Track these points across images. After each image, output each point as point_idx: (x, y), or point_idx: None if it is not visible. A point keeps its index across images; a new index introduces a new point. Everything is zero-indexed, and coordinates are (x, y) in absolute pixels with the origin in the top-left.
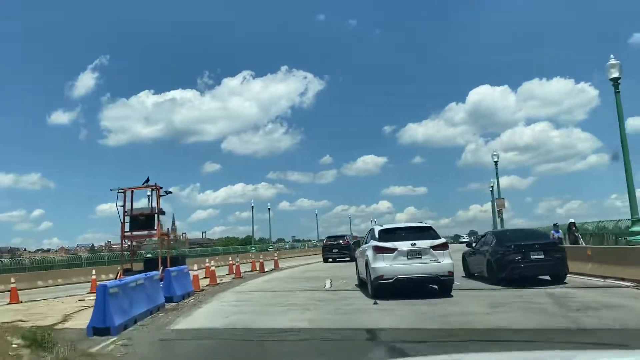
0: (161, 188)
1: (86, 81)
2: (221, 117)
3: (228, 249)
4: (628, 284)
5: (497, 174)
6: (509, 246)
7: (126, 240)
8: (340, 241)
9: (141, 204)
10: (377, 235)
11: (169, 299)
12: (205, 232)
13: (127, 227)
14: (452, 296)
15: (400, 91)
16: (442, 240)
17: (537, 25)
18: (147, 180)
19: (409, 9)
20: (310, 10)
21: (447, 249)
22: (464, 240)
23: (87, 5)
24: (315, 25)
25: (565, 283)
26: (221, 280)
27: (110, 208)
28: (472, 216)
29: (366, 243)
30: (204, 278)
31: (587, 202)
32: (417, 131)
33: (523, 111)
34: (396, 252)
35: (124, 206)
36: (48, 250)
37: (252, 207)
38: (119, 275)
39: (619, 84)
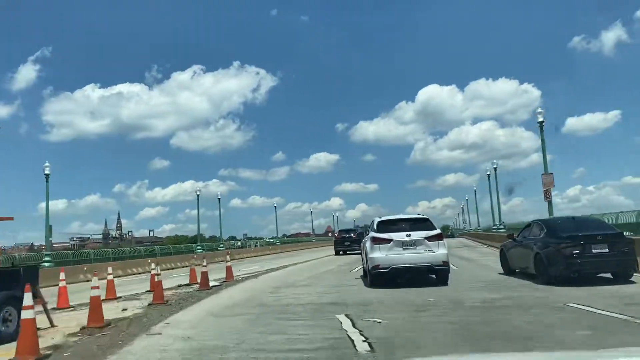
0: None
1: (27, 73)
2: (170, 112)
3: (178, 248)
4: None
5: (542, 138)
6: (564, 238)
7: None
8: (352, 234)
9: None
10: (375, 227)
11: None
12: (152, 231)
13: None
14: (447, 285)
15: (353, 89)
16: (437, 231)
17: (485, 27)
18: None
19: (361, 7)
20: (262, 5)
21: (441, 240)
22: None
23: None
24: (268, 20)
25: (633, 282)
26: (178, 291)
27: None
28: (420, 212)
29: (367, 235)
30: (146, 292)
31: (529, 199)
32: (369, 129)
33: (470, 110)
34: (392, 242)
35: None
36: None
37: (198, 195)
38: None
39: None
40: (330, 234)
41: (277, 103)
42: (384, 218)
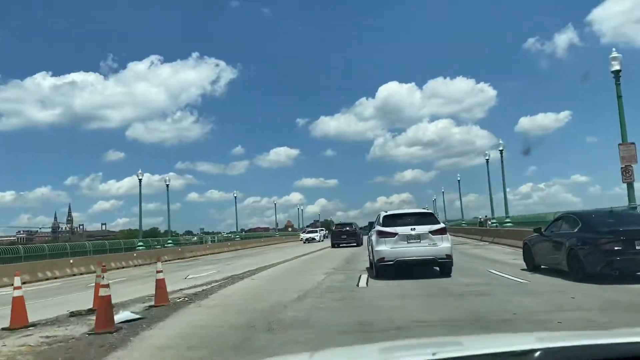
0: None
1: None
2: (126, 103)
3: (116, 244)
4: None
5: (619, 104)
6: (605, 232)
7: None
8: (348, 228)
9: None
10: (381, 221)
11: None
12: (105, 224)
13: None
14: (450, 276)
15: (314, 84)
16: (441, 225)
17: (444, 26)
18: None
19: (323, 3)
20: None
21: (445, 234)
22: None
23: None
24: (228, 11)
25: None
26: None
27: None
28: (378, 207)
29: (373, 228)
30: (90, 312)
31: (482, 196)
32: (330, 124)
33: (427, 108)
34: (397, 236)
35: None
36: None
37: (140, 180)
38: None
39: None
40: (290, 229)
41: (237, 96)
42: (389, 212)
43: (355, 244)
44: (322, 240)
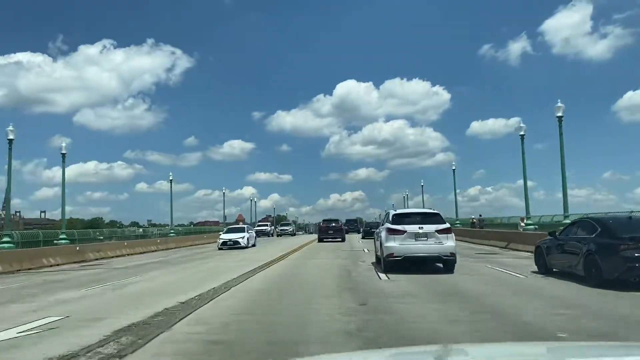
0: None
1: None
2: (75, 87)
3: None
4: None
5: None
6: (625, 238)
7: None
8: (334, 224)
9: None
10: (390, 219)
11: None
12: (44, 212)
13: None
14: (453, 273)
15: (272, 77)
16: (447, 225)
17: (404, 28)
18: None
19: None
20: None
21: (450, 233)
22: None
23: None
24: None
25: None
26: None
27: None
28: (331, 205)
29: (382, 225)
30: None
31: (433, 197)
32: (286, 119)
33: (383, 108)
34: (405, 233)
35: None
36: None
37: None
38: None
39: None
40: (241, 223)
41: (192, 86)
42: (399, 211)
43: (340, 240)
44: (255, 245)
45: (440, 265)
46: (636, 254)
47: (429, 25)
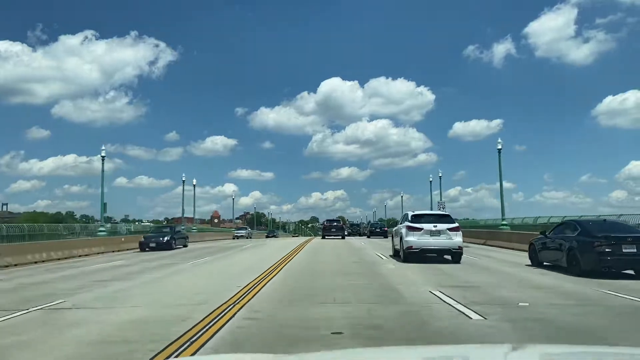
0: None
1: None
2: (55, 78)
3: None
4: None
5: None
6: (599, 237)
7: None
8: (336, 223)
9: None
10: (410, 218)
11: None
12: (6, 205)
13: None
14: (459, 263)
15: (256, 73)
16: (456, 224)
17: (391, 28)
18: None
19: None
20: None
21: (459, 231)
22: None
23: None
24: None
25: None
26: None
27: None
28: (312, 203)
29: (401, 224)
30: None
31: (414, 196)
32: (269, 116)
33: (368, 107)
34: (422, 230)
35: None
36: None
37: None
38: None
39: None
40: (216, 220)
41: (175, 79)
42: (416, 212)
43: (340, 237)
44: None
45: (449, 257)
46: (606, 249)
47: (416, 25)
